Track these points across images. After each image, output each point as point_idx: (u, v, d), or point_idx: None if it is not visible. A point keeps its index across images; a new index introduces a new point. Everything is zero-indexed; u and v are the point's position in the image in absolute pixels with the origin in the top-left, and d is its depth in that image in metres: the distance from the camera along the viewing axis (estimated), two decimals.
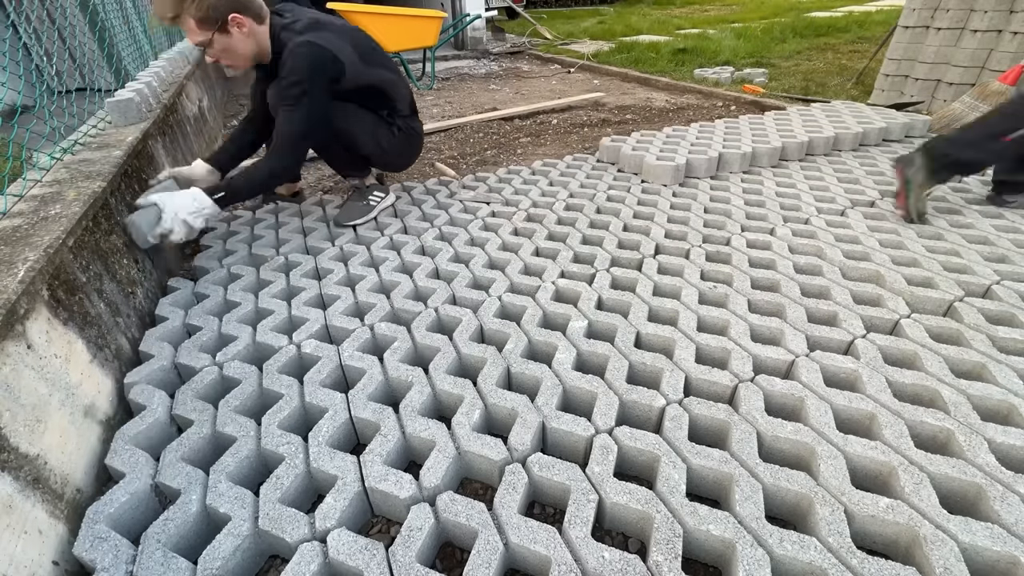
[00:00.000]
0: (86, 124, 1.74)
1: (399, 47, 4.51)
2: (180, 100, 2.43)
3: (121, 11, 2.50)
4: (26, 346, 0.88)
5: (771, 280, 1.48)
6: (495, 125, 3.61)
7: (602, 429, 0.99)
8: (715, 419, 1.02)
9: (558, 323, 1.37)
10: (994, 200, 1.86)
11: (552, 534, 0.81)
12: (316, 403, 1.09)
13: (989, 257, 1.54)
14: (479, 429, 1.04)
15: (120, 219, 1.39)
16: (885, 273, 1.46)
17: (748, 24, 7.66)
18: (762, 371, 1.16)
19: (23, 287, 0.89)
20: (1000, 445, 0.94)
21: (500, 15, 9.08)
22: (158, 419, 1.05)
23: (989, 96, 2.73)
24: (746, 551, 0.77)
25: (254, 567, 0.87)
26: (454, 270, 1.59)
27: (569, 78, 5.17)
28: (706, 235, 1.74)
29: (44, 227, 1.08)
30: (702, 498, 0.95)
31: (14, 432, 0.81)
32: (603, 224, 1.86)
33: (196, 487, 0.91)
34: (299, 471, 0.94)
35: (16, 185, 1.30)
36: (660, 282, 1.48)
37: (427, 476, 0.91)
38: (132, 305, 1.34)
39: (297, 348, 1.26)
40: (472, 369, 1.23)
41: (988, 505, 0.84)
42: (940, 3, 3.06)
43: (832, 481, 0.87)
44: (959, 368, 1.15)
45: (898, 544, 0.83)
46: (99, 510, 0.86)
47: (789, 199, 1.98)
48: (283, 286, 1.54)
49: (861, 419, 1.03)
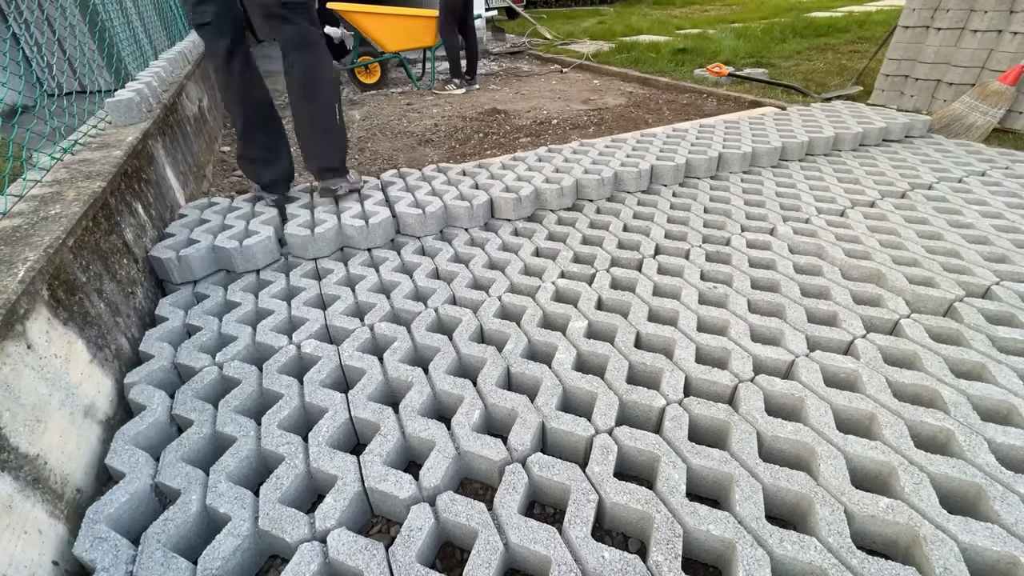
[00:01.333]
0: (86, 124, 1.74)
1: (399, 47, 4.51)
2: (180, 100, 2.44)
3: (121, 11, 2.50)
4: (26, 346, 0.88)
5: (771, 280, 1.48)
6: (495, 125, 3.62)
7: (602, 429, 0.99)
8: (715, 419, 1.02)
9: (558, 323, 1.37)
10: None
11: (552, 534, 0.81)
12: (316, 403, 1.09)
13: (989, 257, 1.54)
14: (479, 429, 1.04)
15: (120, 219, 1.39)
16: (885, 273, 1.46)
17: (748, 24, 7.66)
18: (762, 371, 1.16)
19: (23, 287, 0.89)
20: (1000, 445, 0.94)
21: (500, 15, 9.08)
22: (158, 419, 1.05)
23: (989, 96, 2.74)
24: (746, 551, 0.77)
25: (254, 567, 0.87)
26: (454, 270, 1.59)
27: (570, 78, 5.17)
28: (706, 235, 1.74)
29: (44, 227, 1.08)
30: (702, 498, 0.95)
31: (14, 432, 0.81)
32: (603, 224, 1.86)
33: (196, 487, 0.91)
34: (299, 471, 0.94)
35: (16, 185, 1.30)
36: (660, 282, 1.48)
37: (427, 476, 0.91)
38: (132, 305, 1.34)
39: (297, 348, 1.26)
40: (472, 369, 1.23)
41: (988, 505, 0.84)
42: (940, 3, 3.06)
43: (832, 481, 0.87)
44: (959, 368, 1.15)
45: (898, 544, 0.83)
46: (99, 510, 0.86)
47: (789, 199, 1.98)
48: (283, 286, 1.54)
49: (861, 419, 1.03)
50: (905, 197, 1.98)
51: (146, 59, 2.93)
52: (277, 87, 4.98)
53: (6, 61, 1.44)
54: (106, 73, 2.03)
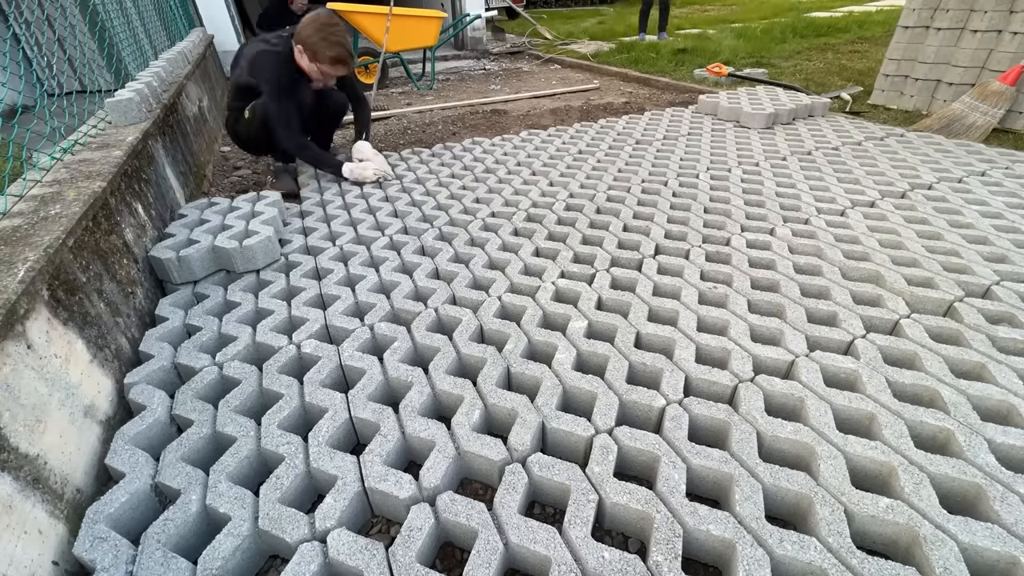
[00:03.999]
0: (86, 124, 1.74)
1: (399, 47, 4.51)
2: (180, 100, 2.44)
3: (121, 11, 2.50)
4: (26, 346, 0.88)
5: (771, 280, 1.48)
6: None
7: (602, 429, 0.99)
8: (715, 419, 1.02)
9: (558, 323, 1.37)
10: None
11: (552, 534, 0.81)
12: (316, 403, 1.09)
13: (989, 257, 1.54)
14: (479, 429, 1.04)
15: (120, 219, 1.39)
16: (885, 273, 1.46)
17: (748, 24, 7.65)
18: (762, 371, 1.16)
19: (23, 287, 0.89)
20: (1000, 445, 0.94)
21: (500, 15, 9.08)
22: (158, 419, 1.05)
23: (989, 96, 2.74)
24: (746, 551, 0.77)
25: (254, 567, 0.87)
26: (454, 270, 1.59)
27: (570, 78, 5.17)
28: (706, 235, 1.74)
29: (44, 227, 1.08)
30: (702, 498, 0.95)
31: (14, 432, 0.81)
32: (603, 224, 1.86)
33: (196, 487, 0.91)
34: (299, 471, 0.94)
35: (16, 185, 1.30)
36: (660, 282, 1.48)
37: (427, 476, 0.91)
38: (132, 305, 1.34)
39: (297, 348, 1.26)
40: (472, 369, 1.23)
41: (988, 505, 0.84)
42: (940, 3, 3.06)
43: (832, 481, 0.87)
44: (959, 368, 1.15)
45: (898, 544, 0.83)
46: (99, 510, 0.86)
47: (789, 199, 1.98)
48: (283, 286, 1.54)
49: (861, 419, 1.03)
50: (905, 197, 1.98)
51: (146, 59, 2.93)
52: None
53: (6, 61, 1.44)
54: (106, 73, 2.04)
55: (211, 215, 1.80)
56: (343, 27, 2.09)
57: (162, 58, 2.88)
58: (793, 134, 2.76)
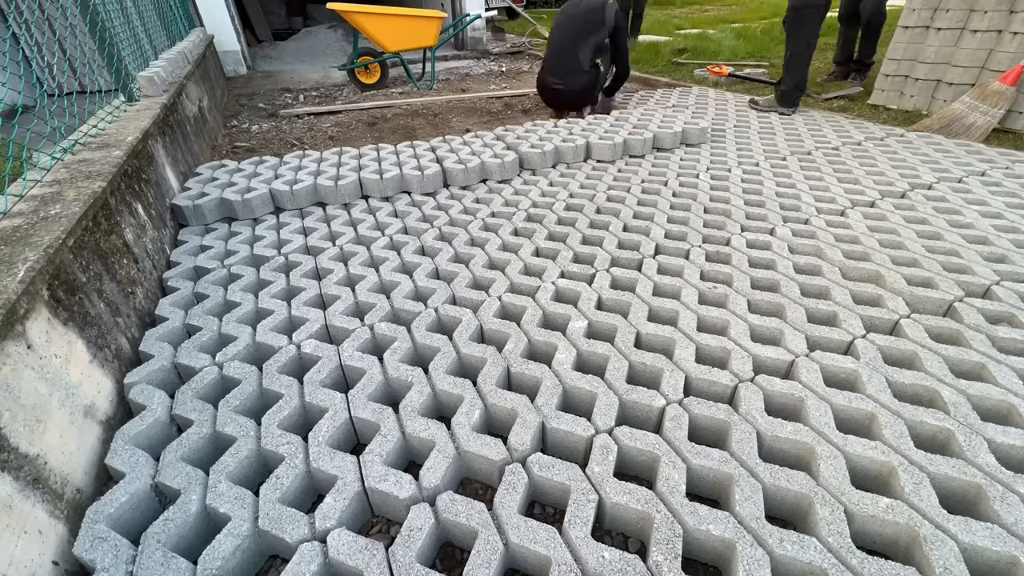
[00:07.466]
0: (86, 124, 1.74)
1: (399, 47, 4.51)
2: (180, 100, 2.44)
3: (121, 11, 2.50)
4: (26, 346, 0.88)
5: (771, 280, 1.48)
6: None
7: (602, 429, 0.99)
8: (715, 419, 1.02)
9: (558, 323, 1.37)
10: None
11: (552, 534, 0.81)
12: (316, 403, 1.09)
13: (989, 257, 1.54)
14: (479, 429, 1.04)
15: (120, 219, 1.39)
16: (885, 273, 1.46)
17: (748, 24, 7.65)
18: (762, 371, 1.16)
19: (23, 287, 0.89)
20: (1000, 445, 0.94)
21: (500, 15, 9.08)
22: (158, 419, 1.05)
23: (989, 96, 2.74)
24: (746, 551, 0.77)
25: (254, 567, 0.87)
26: (454, 270, 1.59)
27: None
28: (706, 235, 1.74)
29: (44, 227, 1.08)
30: (702, 498, 0.95)
31: (14, 432, 0.81)
32: (603, 224, 1.86)
33: (196, 487, 0.91)
34: (299, 471, 0.94)
35: (16, 185, 1.30)
36: (660, 282, 1.48)
37: (427, 476, 0.91)
38: (132, 305, 1.34)
39: (297, 348, 1.26)
40: (472, 369, 1.23)
41: (988, 505, 0.84)
42: (940, 3, 3.06)
43: (832, 481, 0.87)
44: (959, 368, 1.15)
45: (898, 544, 0.83)
46: (99, 510, 0.86)
47: (789, 199, 1.98)
48: (283, 286, 1.54)
49: (861, 419, 1.03)
50: (905, 197, 1.98)
51: (146, 59, 2.93)
52: (279, 86, 4.98)
53: (6, 61, 1.44)
54: (106, 73, 2.04)
55: (221, 174, 2.22)
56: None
57: (162, 58, 2.88)
58: (793, 134, 2.76)
